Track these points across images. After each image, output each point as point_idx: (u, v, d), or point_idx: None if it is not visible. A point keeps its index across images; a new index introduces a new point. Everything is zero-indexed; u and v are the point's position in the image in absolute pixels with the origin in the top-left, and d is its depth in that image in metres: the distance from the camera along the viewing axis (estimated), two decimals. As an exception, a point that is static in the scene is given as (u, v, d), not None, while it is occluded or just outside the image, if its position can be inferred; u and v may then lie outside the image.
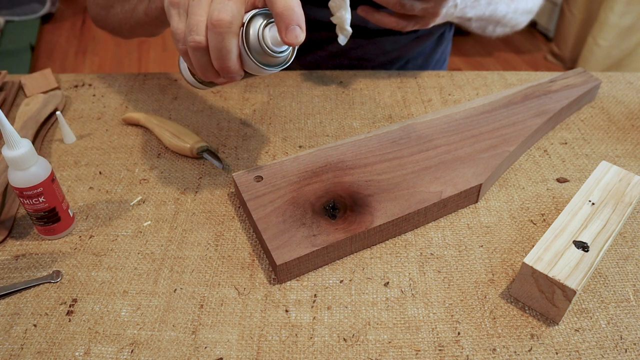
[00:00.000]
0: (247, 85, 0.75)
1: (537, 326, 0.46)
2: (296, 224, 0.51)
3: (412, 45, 0.86)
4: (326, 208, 0.52)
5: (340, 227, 0.50)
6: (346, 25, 0.63)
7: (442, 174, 0.56)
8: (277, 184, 0.55)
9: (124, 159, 0.64)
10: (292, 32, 0.43)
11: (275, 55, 0.45)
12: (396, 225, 0.52)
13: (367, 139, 0.61)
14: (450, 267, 0.51)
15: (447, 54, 0.97)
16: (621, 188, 0.53)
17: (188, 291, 0.49)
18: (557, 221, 0.50)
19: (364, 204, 0.53)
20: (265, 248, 0.50)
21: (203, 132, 0.68)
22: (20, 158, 0.47)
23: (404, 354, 0.44)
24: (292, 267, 0.49)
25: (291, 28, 0.42)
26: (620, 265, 0.51)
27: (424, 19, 0.65)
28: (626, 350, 0.44)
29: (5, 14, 2.44)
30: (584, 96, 0.70)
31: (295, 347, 0.45)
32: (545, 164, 0.63)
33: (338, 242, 0.50)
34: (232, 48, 0.44)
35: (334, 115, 0.70)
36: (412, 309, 0.47)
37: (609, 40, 2.02)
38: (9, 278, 0.50)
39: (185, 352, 0.44)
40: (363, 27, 0.80)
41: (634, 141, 0.66)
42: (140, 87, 0.76)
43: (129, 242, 0.54)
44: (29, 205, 0.50)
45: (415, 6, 0.61)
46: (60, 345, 0.45)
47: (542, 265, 0.45)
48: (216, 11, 0.43)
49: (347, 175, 0.56)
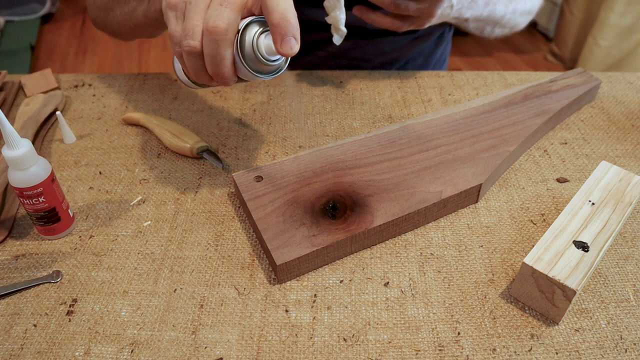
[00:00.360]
0: (247, 85, 0.75)
1: (537, 326, 0.46)
2: (296, 224, 0.51)
3: (411, 46, 0.86)
4: (326, 208, 0.52)
5: (340, 227, 0.50)
6: (341, 25, 0.63)
7: (442, 174, 0.56)
8: (277, 184, 0.55)
9: (124, 159, 0.64)
10: (287, 44, 0.43)
11: (269, 63, 0.46)
12: (396, 225, 0.52)
13: (367, 139, 0.61)
14: (450, 267, 0.51)
15: (446, 54, 0.97)
16: (621, 188, 0.53)
17: (188, 291, 0.49)
18: (557, 221, 0.50)
19: (364, 204, 0.53)
20: (265, 248, 0.50)
21: (203, 132, 0.68)
22: (20, 158, 0.48)
23: (404, 354, 0.44)
24: (292, 267, 0.49)
25: (287, 39, 0.43)
26: (620, 265, 0.51)
27: (419, 20, 0.65)
28: (626, 350, 0.44)
29: (5, 14, 2.44)
30: (584, 96, 0.70)
31: (295, 347, 0.45)
32: (545, 164, 0.63)
33: (338, 242, 0.50)
34: (227, 55, 0.44)
35: (334, 115, 0.70)
36: (412, 309, 0.47)
37: (609, 40, 2.02)
38: (9, 278, 0.50)
39: (185, 352, 0.44)
40: (361, 28, 0.80)
41: (634, 141, 0.66)
42: (140, 87, 0.76)
43: (129, 242, 0.54)
44: (29, 205, 0.50)
45: (409, 6, 0.62)
46: (60, 345, 0.45)
47: (542, 265, 0.45)
48: (212, 18, 0.43)
49: (347, 176, 0.56)
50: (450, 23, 0.87)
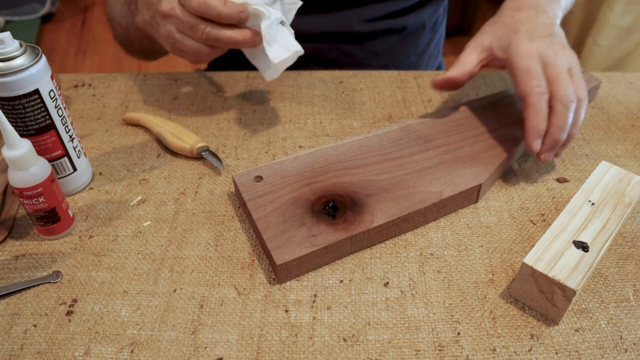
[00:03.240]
0: (247, 85, 0.75)
1: (537, 326, 0.46)
2: (296, 224, 0.51)
3: (403, 44, 0.86)
4: (326, 208, 0.52)
5: (340, 227, 0.50)
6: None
7: (442, 174, 0.56)
8: (276, 184, 0.55)
9: (124, 159, 0.64)
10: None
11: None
12: (396, 225, 0.52)
13: (367, 139, 0.61)
14: (450, 267, 0.51)
15: (440, 45, 0.97)
16: (621, 188, 0.53)
17: (188, 291, 0.49)
18: (557, 221, 0.50)
19: (364, 204, 0.53)
20: (265, 248, 0.50)
21: (203, 132, 0.68)
22: (20, 158, 0.48)
23: (403, 354, 0.44)
24: (292, 267, 0.49)
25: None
26: (620, 265, 0.51)
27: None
28: (626, 350, 0.44)
29: (5, 14, 2.44)
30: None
31: (295, 347, 0.45)
32: (545, 164, 0.63)
33: (338, 242, 0.50)
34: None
35: (334, 115, 0.70)
36: (412, 309, 0.47)
37: (609, 40, 2.02)
38: (8, 278, 0.50)
39: (185, 352, 0.44)
40: (349, 33, 0.80)
41: (634, 141, 0.66)
42: (140, 87, 0.76)
43: (128, 242, 0.54)
44: (29, 205, 0.50)
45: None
46: (60, 345, 0.45)
47: (542, 265, 0.45)
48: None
49: (347, 175, 0.56)
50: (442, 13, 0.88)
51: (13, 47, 0.49)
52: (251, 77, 0.77)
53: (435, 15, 0.88)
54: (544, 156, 0.57)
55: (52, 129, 0.53)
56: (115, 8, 0.75)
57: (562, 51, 0.57)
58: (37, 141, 0.53)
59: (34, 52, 0.50)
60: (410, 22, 0.84)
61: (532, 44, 0.57)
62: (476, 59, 0.61)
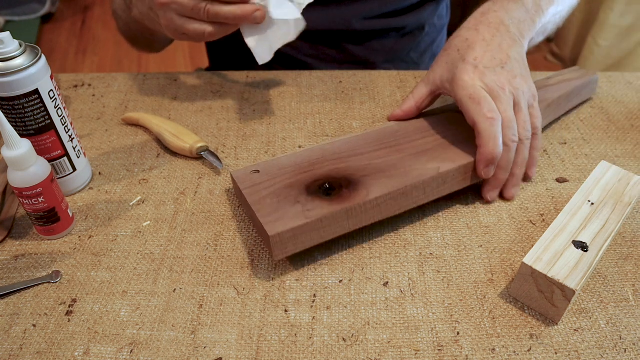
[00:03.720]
0: (247, 85, 0.75)
1: (537, 326, 0.46)
2: (291, 203, 0.50)
3: (403, 44, 0.86)
4: (321, 187, 0.52)
5: (336, 201, 0.50)
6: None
7: (439, 154, 0.55)
8: (273, 174, 0.54)
9: (123, 159, 0.64)
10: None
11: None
12: (394, 200, 0.51)
13: (365, 134, 0.60)
14: (450, 267, 0.51)
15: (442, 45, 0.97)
16: (620, 188, 0.53)
17: (187, 291, 0.49)
18: (557, 221, 0.50)
19: (360, 182, 0.52)
20: (260, 228, 0.49)
21: (203, 132, 0.68)
22: (20, 158, 0.48)
23: (403, 354, 0.44)
24: (287, 241, 0.48)
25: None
26: (619, 265, 0.51)
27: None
28: (625, 350, 0.44)
29: (5, 14, 2.44)
30: (581, 89, 0.69)
31: (295, 347, 0.45)
32: (545, 164, 0.63)
33: (333, 215, 0.49)
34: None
35: (334, 115, 0.70)
36: (412, 309, 0.47)
37: (609, 40, 2.02)
38: (8, 278, 0.50)
39: (185, 352, 0.44)
40: (348, 31, 0.80)
41: (634, 141, 0.66)
42: (140, 87, 0.76)
43: (128, 242, 0.54)
44: (29, 205, 0.50)
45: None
46: (59, 345, 0.45)
47: (541, 265, 0.45)
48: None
49: (343, 163, 0.55)
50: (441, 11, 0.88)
51: (13, 47, 0.49)
52: (251, 77, 0.77)
53: (435, 16, 0.88)
54: (489, 195, 0.56)
55: (51, 129, 0.53)
56: (117, 2, 0.77)
57: (512, 81, 0.54)
58: (37, 141, 0.53)
59: (33, 52, 0.50)
60: (410, 22, 0.84)
61: (476, 74, 0.54)
62: (426, 93, 0.61)
